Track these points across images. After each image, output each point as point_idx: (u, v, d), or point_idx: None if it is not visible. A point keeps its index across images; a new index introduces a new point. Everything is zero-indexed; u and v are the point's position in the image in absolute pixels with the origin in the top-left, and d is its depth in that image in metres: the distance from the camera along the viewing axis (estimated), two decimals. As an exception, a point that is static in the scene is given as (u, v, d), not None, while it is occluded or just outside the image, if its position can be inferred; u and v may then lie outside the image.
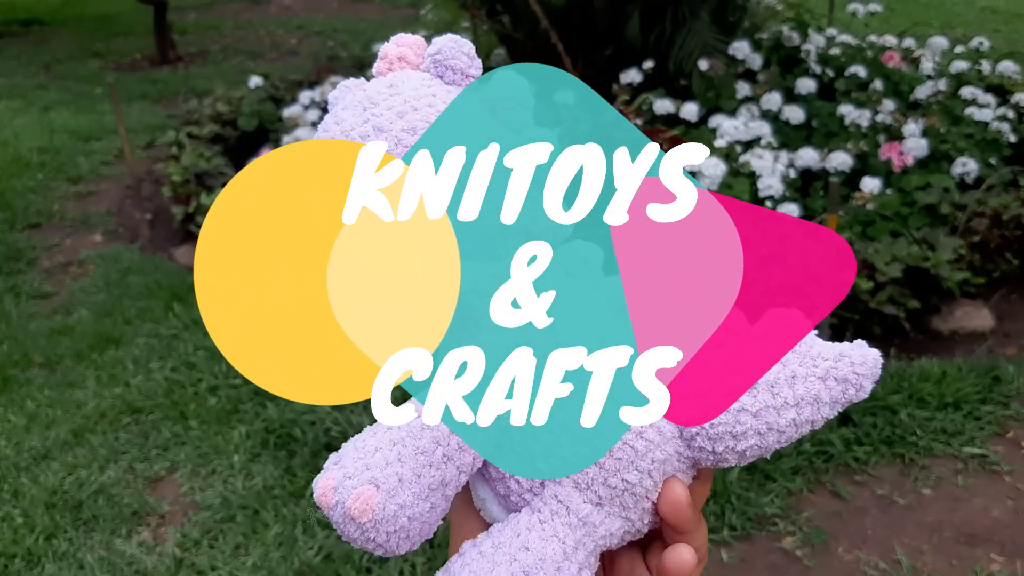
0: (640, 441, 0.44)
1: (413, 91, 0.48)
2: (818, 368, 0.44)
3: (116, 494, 2.16)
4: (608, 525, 0.45)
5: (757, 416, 0.44)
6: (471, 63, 0.49)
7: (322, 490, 0.42)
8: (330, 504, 0.42)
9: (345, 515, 0.41)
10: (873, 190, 3.00)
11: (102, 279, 3.27)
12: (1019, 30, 6.30)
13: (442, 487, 0.44)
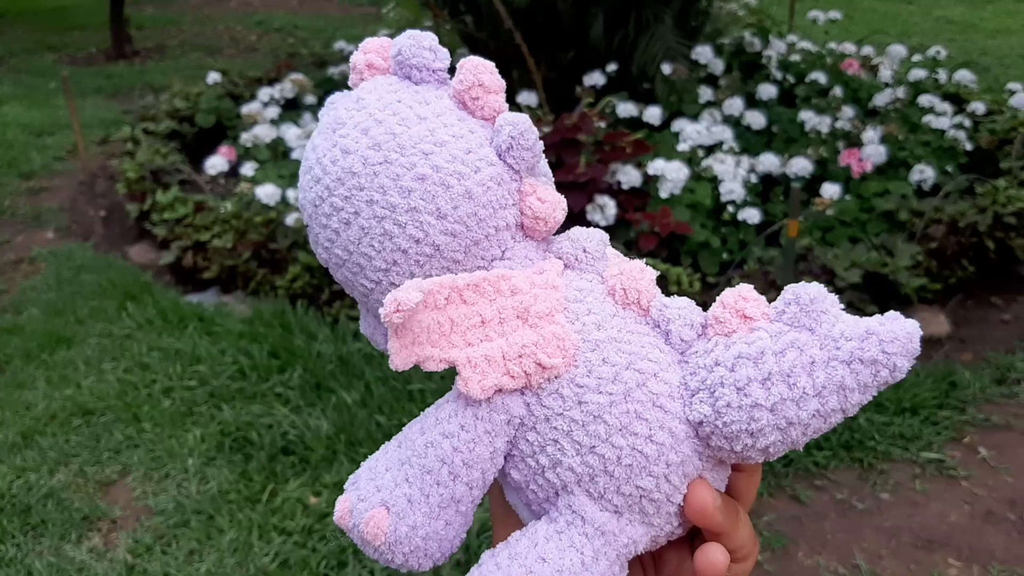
0: (650, 445, 0.42)
1: (378, 101, 0.46)
2: (841, 351, 0.40)
3: (66, 498, 2.10)
4: (630, 533, 0.43)
5: (774, 411, 0.40)
6: (435, 56, 0.47)
7: (340, 513, 0.44)
8: (348, 527, 0.44)
9: (361, 538, 0.44)
10: (833, 196, 3.02)
11: (54, 277, 3.19)
12: (973, 40, 6.42)
13: (454, 504, 0.43)
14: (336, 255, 0.45)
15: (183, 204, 3.24)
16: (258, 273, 2.94)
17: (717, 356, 0.42)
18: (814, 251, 2.79)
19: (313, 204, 0.45)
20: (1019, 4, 7.66)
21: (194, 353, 2.59)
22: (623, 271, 0.46)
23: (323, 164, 0.45)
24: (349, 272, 0.45)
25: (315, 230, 0.46)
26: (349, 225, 0.44)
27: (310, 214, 0.46)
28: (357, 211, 0.44)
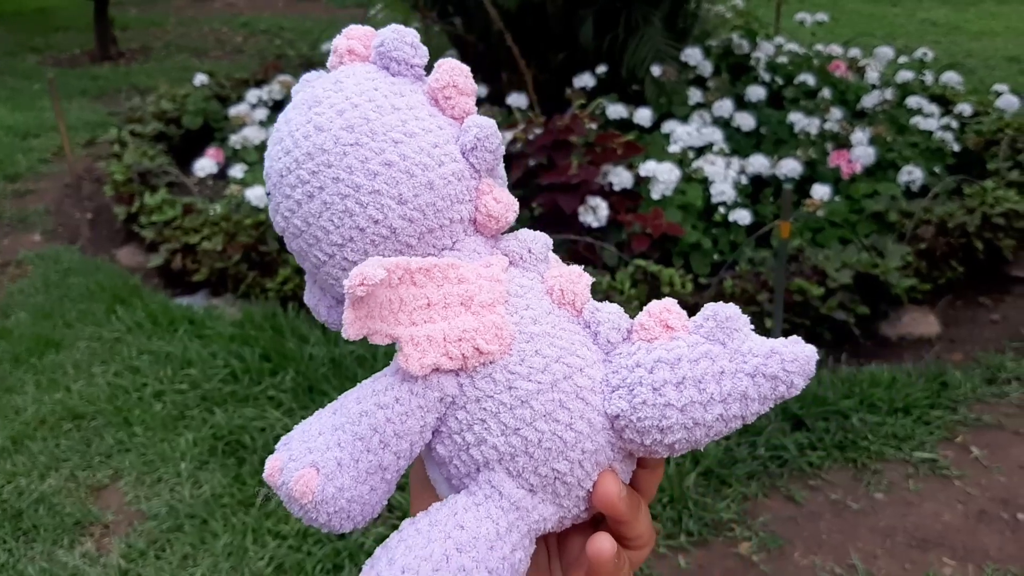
0: (569, 432, 0.45)
1: (356, 86, 0.48)
2: (747, 364, 0.44)
3: (58, 503, 2.08)
4: (541, 511, 0.46)
5: (683, 411, 0.44)
6: (415, 53, 0.49)
7: (270, 470, 0.46)
8: (276, 484, 0.46)
9: (288, 495, 0.45)
10: (823, 197, 3.04)
11: (41, 280, 3.16)
12: (957, 42, 6.47)
13: (381, 471, 0.46)
14: (295, 225, 0.47)
15: (172, 206, 3.22)
16: (248, 275, 2.93)
17: (639, 358, 0.46)
18: (805, 252, 2.80)
19: (279, 174, 0.48)
20: (1001, 6, 7.73)
21: (185, 356, 2.58)
22: (562, 274, 0.49)
23: (295, 137, 0.47)
24: (304, 243, 0.47)
25: (277, 199, 0.48)
26: (312, 198, 0.46)
27: (275, 183, 0.48)
28: (322, 186, 0.46)
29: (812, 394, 2.30)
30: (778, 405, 2.11)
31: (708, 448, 2.11)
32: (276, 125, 0.49)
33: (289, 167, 0.47)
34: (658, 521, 1.95)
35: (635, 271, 2.67)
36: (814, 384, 2.35)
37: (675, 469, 2.06)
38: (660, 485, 2.01)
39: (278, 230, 0.49)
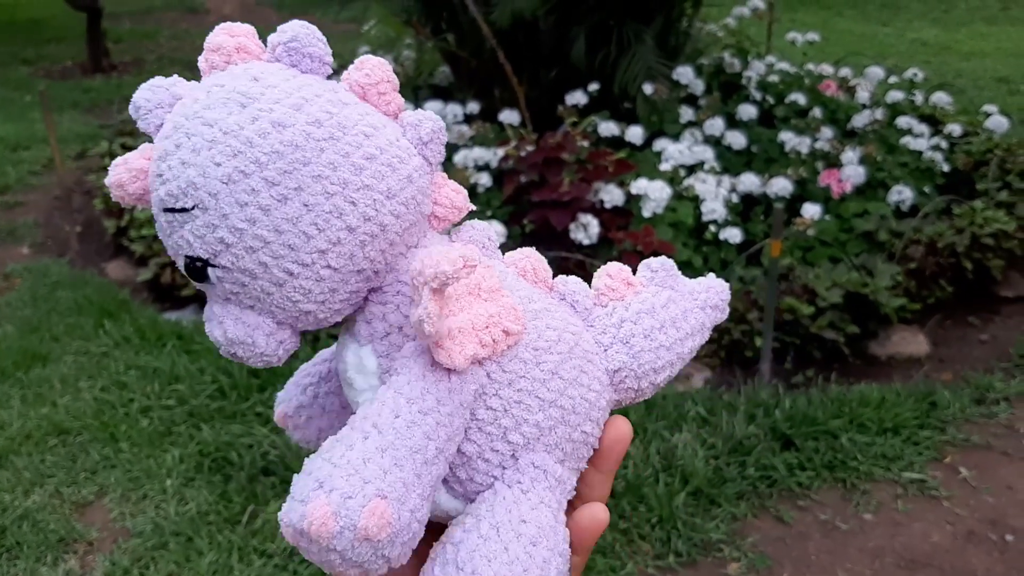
0: (591, 393, 0.48)
1: (286, 82, 0.43)
2: (698, 300, 0.53)
3: (42, 519, 2.07)
4: (571, 480, 0.47)
5: (670, 349, 0.51)
6: (326, 50, 0.46)
7: (321, 520, 0.38)
8: (334, 532, 0.38)
9: (357, 538, 0.38)
10: (813, 216, 3.04)
11: (29, 294, 3.14)
12: (948, 62, 6.51)
13: (438, 483, 0.43)
14: (255, 237, 0.41)
15: (162, 220, 3.20)
16: (238, 290, 2.91)
17: (620, 315, 0.51)
18: (795, 271, 2.80)
19: (224, 181, 0.41)
20: (991, 27, 7.78)
21: (172, 371, 2.56)
22: (524, 256, 0.51)
23: (241, 137, 0.41)
24: (268, 256, 0.42)
25: (222, 210, 0.41)
26: (286, 201, 0.41)
27: (213, 193, 0.41)
28: (300, 186, 0.41)
29: (802, 414, 2.30)
30: (768, 425, 2.10)
31: (697, 468, 2.11)
32: (187, 130, 0.42)
33: (245, 170, 0.41)
34: (647, 541, 1.95)
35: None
36: (803, 403, 2.35)
37: (664, 489, 2.05)
38: (649, 505, 2.01)
39: (207, 252, 0.42)
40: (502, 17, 3.52)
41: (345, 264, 0.43)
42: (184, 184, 0.41)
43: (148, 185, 0.43)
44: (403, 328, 0.45)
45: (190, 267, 0.42)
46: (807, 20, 7.70)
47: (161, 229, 0.43)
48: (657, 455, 2.16)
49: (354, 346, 0.46)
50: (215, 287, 0.43)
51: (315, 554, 0.39)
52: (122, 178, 0.43)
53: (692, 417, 2.31)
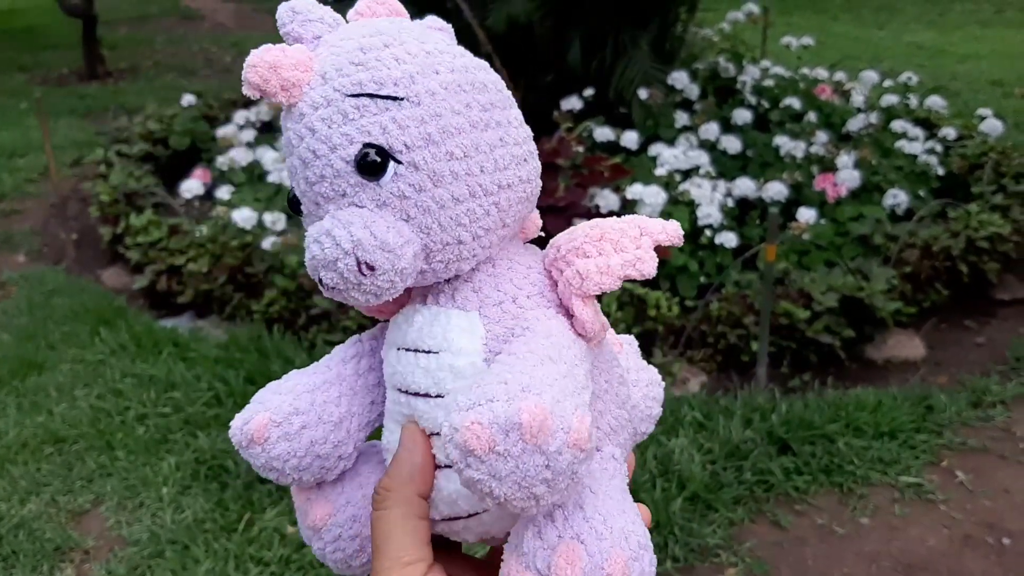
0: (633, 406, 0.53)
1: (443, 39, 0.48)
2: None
3: (37, 528, 2.06)
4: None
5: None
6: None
7: (541, 415, 0.38)
8: (551, 429, 0.38)
9: (568, 443, 0.38)
10: (808, 220, 3.05)
11: (25, 301, 3.14)
12: (943, 65, 6.52)
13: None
14: (458, 145, 0.44)
15: (157, 228, 3.20)
16: (234, 297, 2.91)
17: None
18: (791, 275, 2.80)
19: (443, 87, 0.44)
20: (986, 30, 7.80)
21: (169, 379, 2.56)
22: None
23: (458, 58, 0.46)
24: (461, 168, 0.44)
25: (436, 109, 0.43)
26: (488, 128, 0.45)
27: (431, 91, 0.43)
28: (499, 122, 0.46)
29: (798, 418, 2.30)
30: (764, 429, 2.10)
31: (694, 473, 2.10)
32: (387, 35, 0.44)
33: (462, 85, 0.44)
34: (644, 547, 1.94)
35: (621, 294, 2.67)
36: (800, 407, 2.35)
37: (661, 494, 2.05)
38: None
39: (402, 144, 0.42)
40: (497, 22, 3.53)
41: (504, 212, 0.46)
42: (399, 75, 0.43)
43: (304, 77, 0.43)
44: (516, 299, 0.46)
45: (363, 158, 0.42)
46: (802, 24, 7.71)
47: (331, 117, 0.42)
48: (654, 460, 2.16)
49: (455, 312, 0.46)
50: (378, 186, 0.42)
51: (513, 458, 0.37)
52: (280, 61, 0.43)
53: (689, 422, 2.31)
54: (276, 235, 3.02)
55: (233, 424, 0.48)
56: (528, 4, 3.57)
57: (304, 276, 2.82)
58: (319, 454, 0.47)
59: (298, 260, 2.89)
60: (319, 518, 0.49)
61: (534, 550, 0.41)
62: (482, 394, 0.39)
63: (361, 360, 0.51)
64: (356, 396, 0.49)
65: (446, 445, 0.39)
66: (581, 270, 0.46)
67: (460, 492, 0.45)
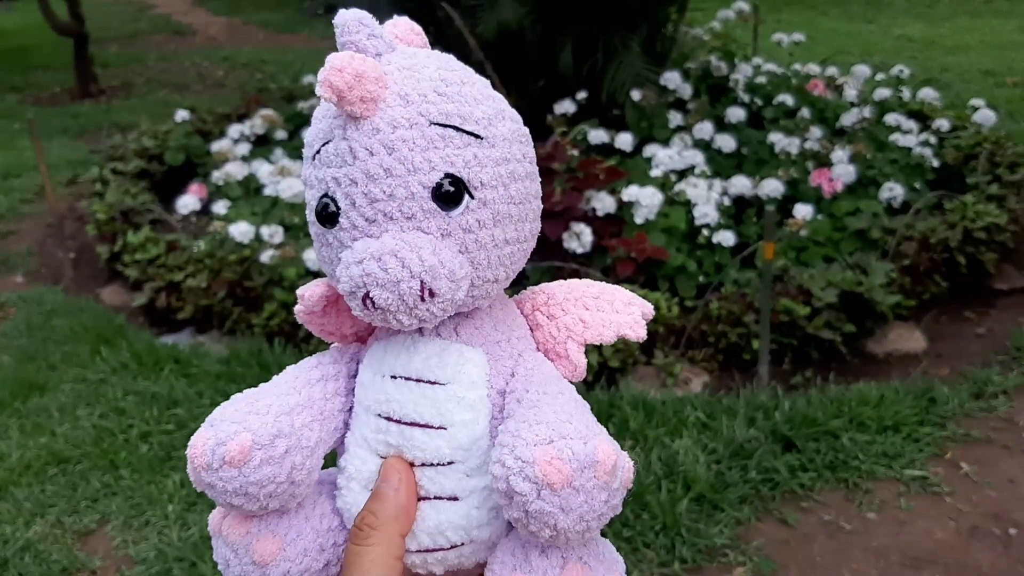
0: None
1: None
2: None
3: (43, 550, 2.06)
4: None
5: None
6: None
7: (610, 454, 0.42)
8: (618, 466, 0.42)
9: (624, 483, 0.43)
10: (805, 216, 3.05)
11: (24, 322, 3.14)
12: (933, 57, 6.53)
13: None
14: (519, 191, 0.47)
15: (155, 244, 3.20)
16: (234, 312, 2.91)
17: None
18: (790, 272, 2.81)
19: (510, 134, 0.47)
20: (975, 21, 7.82)
21: (171, 396, 2.56)
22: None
23: (508, 108, 0.48)
24: (516, 212, 0.47)
25: (507, 154, 0.46)
26: (532, 180, 0.49)
27: (504, 137, 0.46)
28: (532, 175, 0.49)
29: (802, 415, 2.30)
30: (768, 427, 2.10)
31: (699, 473, 2.10)
32: (461, 72, 0.47)
33: (519, 136, 0.48)
34: (651, 549, 1.94)
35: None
36: (803, 404, 2.35)
37: (667, 496, 2.05)
38: (652, 512, 2.00)
39: (478, 180, 0.44)
40: (488, 29, 3.53)
41: (525, 257, 0.49)
42: (480, 115, 0.45)
43: (382, 93, 0.44)
44: (510, 339, 0.49)
45: (440, 187, 0.43)
46: (792, 21, 7.73)
47: (415, 140, 0.43)
48: (658, 462, 2.16)
49: (464, 347, 0.47)
50: (448, 216, 0.44)
51: (585, 493, 0.40)
52: (365, 72, 0.43)
53: (692, 422, 2.31)
54: (274, 248, 3.02)
55: (198, 444, 0.45)
56: (518, 10, 3.58)
57: (303, 288, 2.82)
58: (295, 480, 0.45)
59: (297, 272, 2.89)
60: (267, 553, 0.46)
61: (543, 569, 0.43)
62: (553, 431, 0.41)
63: (327, 384, 0.50)
64: (325, 422, 0.48)
65: (511, 478, 0.40)
66: (585, 319, 0.50)
67: (449, 523, 0.46)
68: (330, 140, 0.44)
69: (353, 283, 0.42)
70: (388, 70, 0.44)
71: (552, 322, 0.50)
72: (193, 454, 0.45)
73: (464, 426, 0.45)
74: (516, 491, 0.40)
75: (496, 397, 0.47)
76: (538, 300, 0.51)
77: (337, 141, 0.44)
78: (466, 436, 0.45)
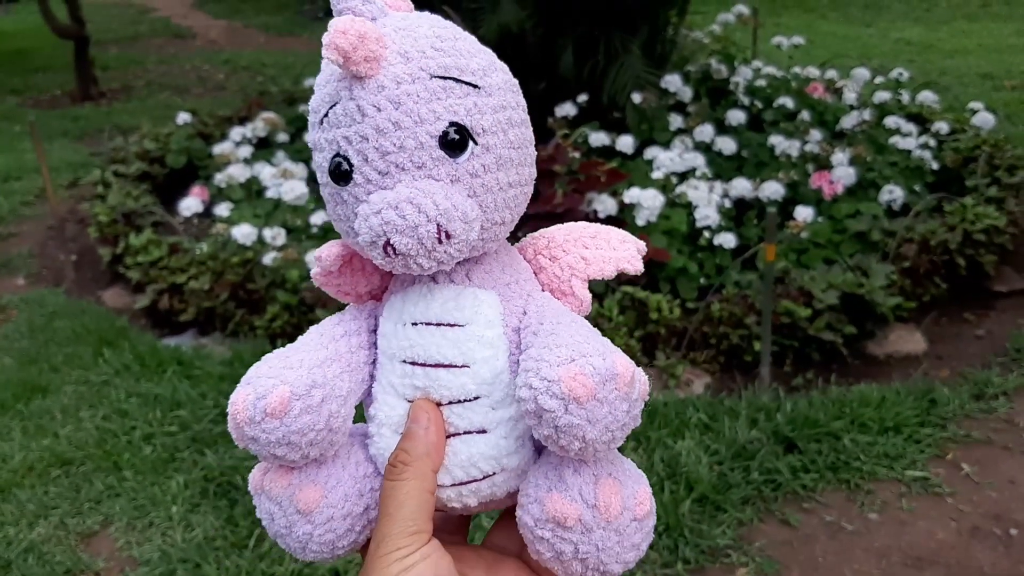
0: None
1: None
2: None
3: (47, 552, 2.06)
4: None
5: None
6: None
7: (630, 367, 0.45)
8: (638, 378, 0.45)
9: (642, 394, 0.46)
10: (806, 219, 3.06)
11: (26, 325, 3.14)
12: (932, 60, 6.55)
13: None
14: (518, 135, 0.49)
15: (157, 246, 3.21)
16: (236, 314, 2.92)
17: None
18: (791, 274, 2.81)
19: (504, 83, 0.49)
20: (973, 24, 7.84)
21: (174, 397, 2.56)
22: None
23: (498, 61, 0.51)
24: (516, 155, 0.49)
25: (504, 102, 0.49)
26: (525, 126, 0.50)
27: (500, 86, 0.49)
28: (525, 121, 0.51)
29: (803, 416, 2.31)
30: (770, 428, 2.11)
31: (702, 474, 2.11)
32: (451, 28, 0.49)
33: (511, 86, 0.50)
34: (654, 550, 1.95)
35: (623, 298, 2.68)
36: (804, 406, 2.36)
37: (670, 497, 2.06)
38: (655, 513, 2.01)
39: (480, 127, 0.47)
40: (489, 31, 3.55)
41: (527, 200, 0.51)
42: (476, 66, 0.48)
43: (383, 52, 0.46)
44: (518, 281, 0.51)
45: (446, 135, 0.46)
46: (791, 24, 7.75)
47: (418, 93, 0.46)
48: (661, 463, 2.17)
49: (477, 290, 0.50)
50: (455, 163, 0.46)
51: (608, 404, 0.43)
52: (367, 32, 0.45)
53: (694, 424, 2.32)
54: (276, 250, 3.03)
55: (239, 399, 0.47)
56: (519, 13, 3.59)
57: (307, 290, 2.83)
58: (332, 427, 0.48)
59: (299, 274, 2.89)
60: (311, 500, 0.49)
61: (578, 484, 0.46)
62: (574, 351, 0.44)
63: (351, 338, 0.52)
64: (353, 373, 0.51)
65: (539, 397, 0.43)
66: (586, 256, 0.53)
67: (480, 454, 0.48)
68: (336, 102, 0.47)
69: (373, 233, 0.45)
70: (385, 32, 0.47)
71: (555, 263, 0.53)
72: (235, 411, 0.47)
73: (486, 362, 0.48)
74: (545, 408, 0.43)
75: (512, 334, 0.49)
76: (539, 244, 0.54)
77: (344, 102, 0.46)
78: (488, 371, 0.48)
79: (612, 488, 0.46)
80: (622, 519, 0.47)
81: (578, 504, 0.46)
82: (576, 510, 0.46)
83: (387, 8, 0.49)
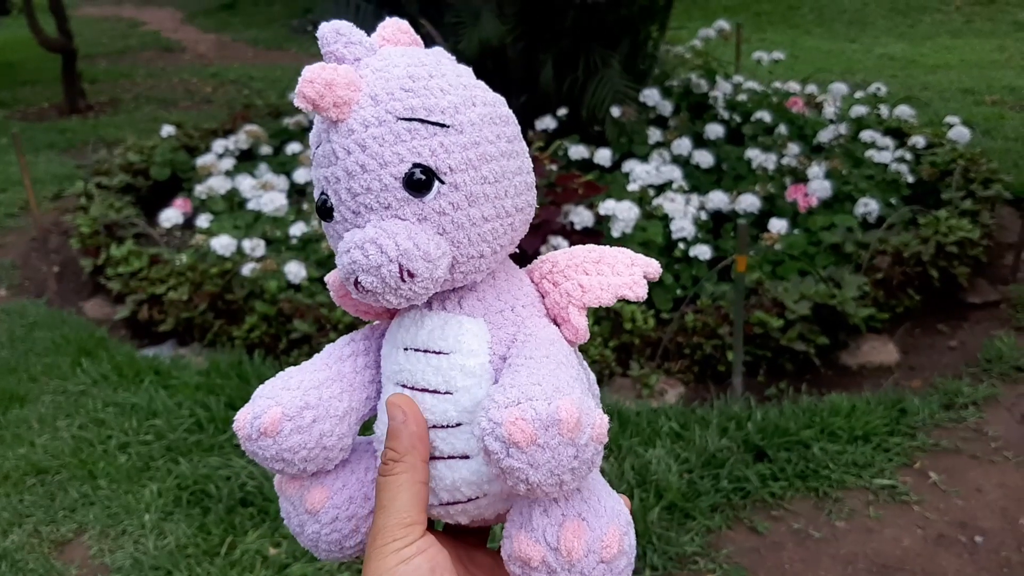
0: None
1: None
2: None
3: (20, 559, 2.07)
4: None
5: None
6: None
7: (575, 413, 0.44)
8: (583, 424, 0.44)
9: (593, 437, 0.44)
10: (781, 231, 3.09)
11: (6, 335, 3.15)
12: (914, 76, 6.61)
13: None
14: (492, 171, 0.49)
15: (138, 258, 3.22)
16: (215, 324, 2.93)
17: None
18: (764, 285, 2.84)
19: (479, 118, 0.49)
20: (956, 40, 7.91)
21: (150, 407, 2.57)
22: None
23: (488, 93, 0.51)
24: (492, 191, 0.49)
25: (475, 138, 0.48)
26: (512, 157, 0.50)
27: (472, 122, 0.49)
28: (517, 152, 0.51)
29: (774, 425, 2.33)
30: (740, 437, 2.13)
31: (671, 482, 2.13)
32: (428, 67, 0.49)
33: (493, 118, 0.50)
34: (622, 556, 1.96)
35: (598, 308, 2.69)
36: (775, 415, 2.38)
37: (639, 504, 2.08)
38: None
39: (446, 167, 0.47)
40: (469, 46, 3.58)
41: (515, 232, 0.51)
42: (446, 104, 0.48)
43: (354, 96, 0.47)
44: (514, 308, 0.52)
45: (412, 176, 0.47)
46: (776, 39, 7.82)
47: (383, 136, 0.47)
48: (631, 471, 2.19)
49: (464, 318, 0.51)
50: (421, 202, 0.47)
51: (551, 450, 0.43)
52: (335, 79, 0.47)
53: (666, 432, 2.34)
54: (255, 261, 3.05)
55: (241, 418, 0.51)
56: (500, 28, 3.63)
57: (285, 301, 2.85)
58: (326, 445, 0.51)
59: (277, 285, 2.91)
60: (317, 501, 0.52)
61: (543, 526, 0.47)
62: (521, 393, 0.44)
63: (357, 359, 0.54)
64: (355, 392, 0.53)
65: (485, 438, 0.44)
66: (583, 284, 0.53)
67: (463, 480, 0.50)
68: (320, 143, 0.49)
69: (345, 270, 0.47)
70: (364, 73, 0.48)
71: (556, 289, 0.54)
72: (237, 427, 0.51)
73: (467, 391, 0.49)
74: (490, 450, 0.44)
75: (499, 363, 0.50)
76: (544, 269, 0.55)
77: (324, 144, 0.48)
78: (469, 400, 0.49)
79: (576, 531, 0.46)
80: (586, 562, 0.46)
81: (541, 546, 0.46)
82: (539, 552, 0.46)
83: (377, 45, 0.50)
